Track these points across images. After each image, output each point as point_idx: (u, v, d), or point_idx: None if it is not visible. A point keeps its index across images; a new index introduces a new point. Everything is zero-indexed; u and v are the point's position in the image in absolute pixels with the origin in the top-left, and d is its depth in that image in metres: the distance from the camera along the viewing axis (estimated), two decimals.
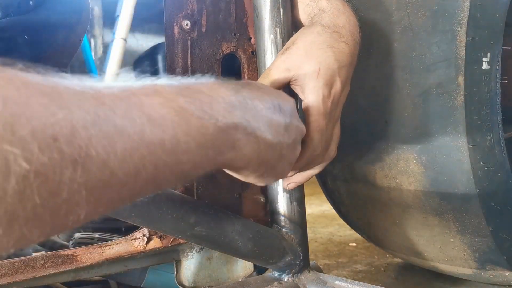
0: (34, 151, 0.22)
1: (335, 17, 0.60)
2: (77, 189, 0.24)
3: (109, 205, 0.28)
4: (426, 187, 0.76)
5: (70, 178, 0.24)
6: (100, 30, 3.94)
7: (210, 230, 0.52)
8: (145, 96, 0.30)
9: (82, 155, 0.24)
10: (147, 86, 0.31)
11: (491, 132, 0.70)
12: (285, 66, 0.57)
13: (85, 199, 0.25)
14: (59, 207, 0.24)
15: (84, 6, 0.79)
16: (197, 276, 0.75)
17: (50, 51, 0.72)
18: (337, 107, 0.58)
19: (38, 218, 0.23)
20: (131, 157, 0.27)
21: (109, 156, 0.26)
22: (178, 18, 0.68)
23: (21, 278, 0.61)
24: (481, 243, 0.76)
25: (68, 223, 0.25)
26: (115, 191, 0.27)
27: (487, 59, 0.69)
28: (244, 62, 0.75)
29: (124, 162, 0.27)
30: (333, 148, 0.61)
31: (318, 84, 0.55)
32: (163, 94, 0.31)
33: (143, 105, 0.29)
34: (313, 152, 0.56)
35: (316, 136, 0.55)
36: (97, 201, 0.26)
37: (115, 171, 0.26)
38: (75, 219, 0.25)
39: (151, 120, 0.29)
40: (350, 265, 1.13)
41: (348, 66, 0.58)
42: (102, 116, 0.26)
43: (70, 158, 0.24)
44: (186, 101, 0.32)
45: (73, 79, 0.27)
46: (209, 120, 0.34)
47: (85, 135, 0.25)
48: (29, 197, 0.22)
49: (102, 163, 0.25)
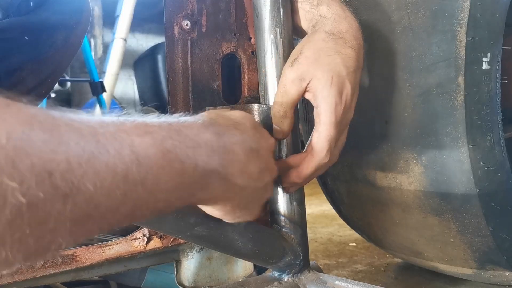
0: (31, 185, 0.24)
1: (337, 23, 0.60)
2: (63, 220, 0.26)
3: (87, 235, 0.29)
4: (426, 187, 0.76)
5: (59, 211, 0.25)
6: (100, 30, 3.95)
7: (210, 230, 0.52)
8: (137, 136, 0.32)
9: (74, 190, 0.26)
10: (139, 125, 0.33)
11: (491, 132, 0.70)
12: (298, 77, 0.57)
13: (68, 229, 0.27)
14: (44, 236, 0.25)
15: (84, 7, 0.78)
16: (197, 276, 0.75)
17: (50, 52, 0.72)
18: (347, 114, 0.59)
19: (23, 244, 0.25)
20: (115, 194, 0.29)
21: (97, 191, 0.27)
22: (178, 18, 0.68)
23: (21, 278, 0.61)
24: (481, 243, 0.76)
25: (50, 250, 0.27)
26: (96, 223, 0.29)
27: (487, 59, 0.69)
28: (244, 62, 0.75)
29: (109, 197, 0.28)
30: (336, 153, 0.61)
31: (331, 93, 0.56)
32: (153, 135, 0.33)
33: (134, 145, 0.31)
34: (321, 161, 0.57)
35: (326, 145, 0.56)
36: (79, 232, 0.28)
37: (99, 205, 0.28)
38: (56, 247, 0.27)
39: (139, 159, 0.31)
40: (350, 265, 1.13)
41: (356, 70, 0.59)
42: (96, 154, 0.28)
43: (62, 192, 0.25)
44: (173, 144, 0.34)
45: (72, 114, 0.29)
46: (190, 164, 0.35)
47: (78, 171, 0.26)
48: (20, 226, 0.24)
49: (89, 198, 0.27)
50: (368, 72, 0.79)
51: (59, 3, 0.74)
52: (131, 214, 0.31)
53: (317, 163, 0.57)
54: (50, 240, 0.26)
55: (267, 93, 0.64)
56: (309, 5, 0.63)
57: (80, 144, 0.27)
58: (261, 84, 0.65)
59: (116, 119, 0.32)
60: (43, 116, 0.26)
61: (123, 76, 4.22)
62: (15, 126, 0.24)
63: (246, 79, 0.75)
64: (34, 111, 0.26)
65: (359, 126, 0.82)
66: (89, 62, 2.79)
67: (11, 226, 0.23)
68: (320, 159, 0.57)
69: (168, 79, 0.68)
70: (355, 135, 0.83)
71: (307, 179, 0.60)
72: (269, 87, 0.64)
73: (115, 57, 3.47)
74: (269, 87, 0.64)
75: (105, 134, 0.29)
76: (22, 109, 0.26)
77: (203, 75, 0.71)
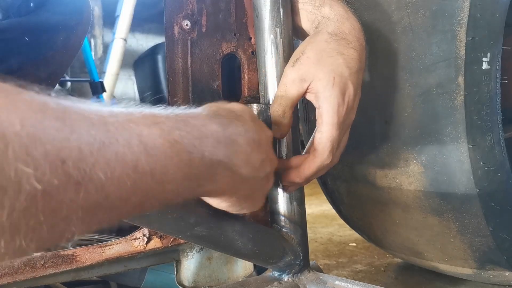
0: (45, 172, 0.24)
1: (340, 24, 0.60)
2: (75, 209, 0.26)
3: (98, 224, 0.30)
4: (426, 187, 0.76)
5: (71, 199, 0.26)
6: (100, 30, 3.95)
7: (210, 230, 0.52)
8: (145, 126, 0.32)
9: (86, 178, 0.26)
10: (147, 116, 0.33)
11: (491, 132, 0.70)
12: (299, 77, 0.57)
13: (80, 218, 0.27)
14: (57, 224, 0.26)
15: (84, 7, 0.78)
16: (197, 276, 0.75)
17: (51, 52, 0.72)
18: (349, 115, 0.59)
19: (37, 233, 0.25)
20: (125, 183, 0.29)
21: (107, 181, 0.27)
22: (178, 18, 0.68)
23: (21, 278, 0.61)
24: (481, 243, 0.76)
25: (62, 238, 0.27)
26: (107, 213, 0.29)
27: (487, 59, 0.69)
28: (244, 62, 0.75)
29: (119, 187, 0.29)
30: (338, 154, 0.61)
31: (333, 93, 0.56)
32: (161, 126, 0.33)
33: (142, 135, 0.31)
34: (324, 162, 0.57)
35: (329, 146, 0.56)
36: (90, 221, 0.28)
37: (110, 195, 0.28)
38: (68, 235, 0.27)
39: (147, 149, 0.31)
40: (350, 265, 1.13)
41: (358, 71, 0.59)
42: (107, 143, 0.28)
43: (74, 180, 0.26)
44: (180, 135, 0.35)
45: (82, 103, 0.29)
46: (197, 155, 0.36)
47: (90, 160, 0.27)
48: (34, 214, 0.24)
49: (100, 187, 0.27)
50: (368, 72, 0.79)
51: (59, 4, 0.74)
52: (141, 205, 0.32)
53: (320, 163, 0.57)
54: (63, 229, 0.26)
55: (267, 93, 0.64)
56: (311, 6, 0.63)
57: (91, 133, 0.27)
58: (261, 84, 0.65)
59: (125, 110, 0.32)
60: (55, 104, 0.27)
61: (123, 76, 4.22)
62: (29, 113, 0.24)
63: (246, 79, 0.75)
64: (46, 99, 0.26)
65: (359, 126, 0.82)
66: (89, 62, 2.79)
67: (25, 214, 0.23)
68: (322, 160, 0.57)
69: (168, 79, 0.69)
70: (355, 135, 0.83)
71: (308, 180, 0.60)
72: (269, 87, 0.64)
73: (115, 57, 3.47)
74: (269, 87, 0.64)
75: (115, 123, 0.29)
76: (34, 97, 0.26)
77: (203, 75, 0.71)
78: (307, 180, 0.60)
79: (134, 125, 0.31)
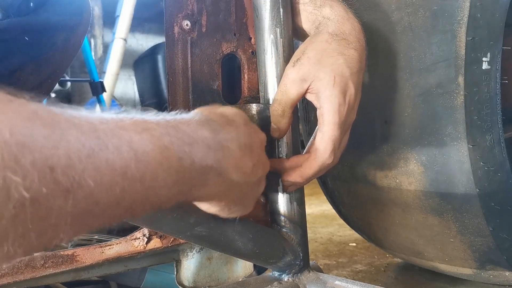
0: (34, 180, 0.24)
1: (340, 25, 0.60)
2: (64, 216, 0.26)
3: (88, 229, 0.30)
4: (426, 187, 0.76)
5: (60, 206, 0.26)
6: (100, 30, 3.95)
7: (210, 230, 0.52)
8: (135, 132, 0.32)
9: (75, 185, 0.26)
10: (138, 122, 0.33)
11: (491, 132, 0.70)
12: (299, 78, 0.57)
13: (69, 225, 0.27)
14: (45, 231, 0.26)
15: (84, 7, 0.78)
16: (197, 276, 0.75)
17: (51, 52, 0.72)
18: (350, 115, 0.59)
19: (25, 239, 0.25)
20: (114, 189, 0.29)
21: (97, 187, 0.28)
22: (178, 18, 0.68)
23: (21, 278, 0.61)
24: (481, 243, 0.76)
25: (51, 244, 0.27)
26: (96, 218, 0.29)
27: (487, 59, 0.69)
28: (244, 62, 0.75)
29: (108, 193, 0.29)
30: (339, 154, 0.61)
31: (334, 93, 0.56)
32: (151, 132, 0.33)
33: (132, 141, 0.31)
34: (325, 162, 0.57)
35: (330, 146, 0.56)
36: (79, 227, 0.28)
37: (99, 201, 0.28)
38: (57, 241, 0.27)
39: (137, 156, 0.31)
40: (350, 265, 1.13)
41: (359, 71, 0.59)
42: (96, 150, 0.28)
43: (63, 187, 0.26)
44: (170, 141, 0.35)
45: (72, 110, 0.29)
46: (187, 160, 0.36)
47: (79, 167, 0.27)
48: (22, 221, 0.24)
49: (90, 193, 0.27)
50: (368, 72, 0.79)
51: (59, 4, 0.74)
52: (131, 210, 0.32)
53: (321, 163, 0.57)
54: (52, 235, 0.26)
55: (267, 93, 0.64)
56: (312, 7, 0.63)
57: (81, 140, 0.27)
58: (261, 84, 0.65)
59: (115, 116, 0.32)
60: (45, 112, 0.27)
61: (123, 76, 4.22)
62: (18, 121, 0.25)
63: (246, 79, 0.75)
64: (36, 107, 0.26)
65: (360, 126, 0.82)
66: (89, 62, 2.79)
67: (14, 221, 0.24)
68: (324, 160, 0.57)
69: (168, 79, 0.69)
70: (355, 135, 0.83)
71: (309, 179, 0.60)
72: (269, 87, 0.64)
73: (115, 57, 3.47)
74: (269, 87, 0.64)
75: (105, 130, 0.30)
76: (24, 105, 0.26)
77: (203, 75, 0.71)
78: (307, 180, 0.60)
79: (124, 132, 0.31)
